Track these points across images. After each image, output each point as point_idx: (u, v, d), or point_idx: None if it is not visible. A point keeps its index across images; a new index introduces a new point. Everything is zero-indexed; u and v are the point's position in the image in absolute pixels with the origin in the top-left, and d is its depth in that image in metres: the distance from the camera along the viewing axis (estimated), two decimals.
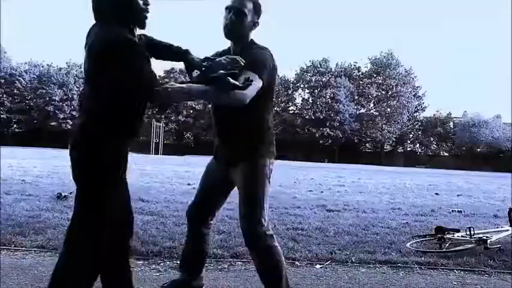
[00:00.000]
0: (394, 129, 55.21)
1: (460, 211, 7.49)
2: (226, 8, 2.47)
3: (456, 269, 3.72)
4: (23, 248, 3.77)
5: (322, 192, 9.97)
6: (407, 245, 4.36)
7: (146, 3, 2.16)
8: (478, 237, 4.31)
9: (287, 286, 2.52)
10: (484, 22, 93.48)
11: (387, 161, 51.34)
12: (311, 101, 54.79)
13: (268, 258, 2.48)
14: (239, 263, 3.66)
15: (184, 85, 2.19)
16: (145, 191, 8.27)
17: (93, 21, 2.17)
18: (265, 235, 2.45)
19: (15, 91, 55.52)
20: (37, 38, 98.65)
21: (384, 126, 54.98)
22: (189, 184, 9.82)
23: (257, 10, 2.50)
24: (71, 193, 7.00)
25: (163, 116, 57.44)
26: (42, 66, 58.33)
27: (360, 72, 58.62)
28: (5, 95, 55.29)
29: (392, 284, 3.30)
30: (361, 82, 56.76)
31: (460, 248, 4.19)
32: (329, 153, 52.23)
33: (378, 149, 57.38)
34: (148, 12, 2.17)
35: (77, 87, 57.47)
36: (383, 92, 56.94)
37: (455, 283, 3.38)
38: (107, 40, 2.04)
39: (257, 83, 2.30)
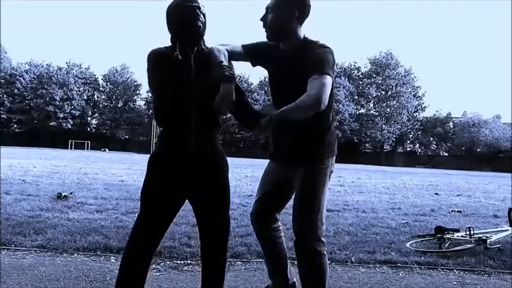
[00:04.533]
0: (394, 129, 55.23)
1: (460, 211, 7.50)
2: None
3: (456, 269, 3.72)
4: (23, 248, 3.77)
5: None
6: (407, 244, 4.37)
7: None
8: (478, 237, 4.32)
9: None
10: (485, 22, 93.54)
11: (387, 161, 51.40)
12: None
13: (317, 265, 2.35)
14: (239, 262, 3.65)
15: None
16: None
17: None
18: (319, 241, 2.33)
19: (15, 91, 55.53)
20: (37, 38, 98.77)
21: (383, 126, 55.00)
22: None
23: (292, 3, 2.30)
24: (71, 193, 7.02)
25: None
26: (42, 66, 58.30)
27: (360, 72, 58.69)
28: (5, 95, 55.28)
29: (392, 284, 3.29)
30: (360, 82, 56.82)
31: (460, 248, 4.19)
32: None
33: (378, 149, 57.40)
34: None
35: (77, 87, 57.48)
36: (383, 92, 56.98)
37: (455, 283, 3.38)
38: None
39: (326, 80, 2.15)
